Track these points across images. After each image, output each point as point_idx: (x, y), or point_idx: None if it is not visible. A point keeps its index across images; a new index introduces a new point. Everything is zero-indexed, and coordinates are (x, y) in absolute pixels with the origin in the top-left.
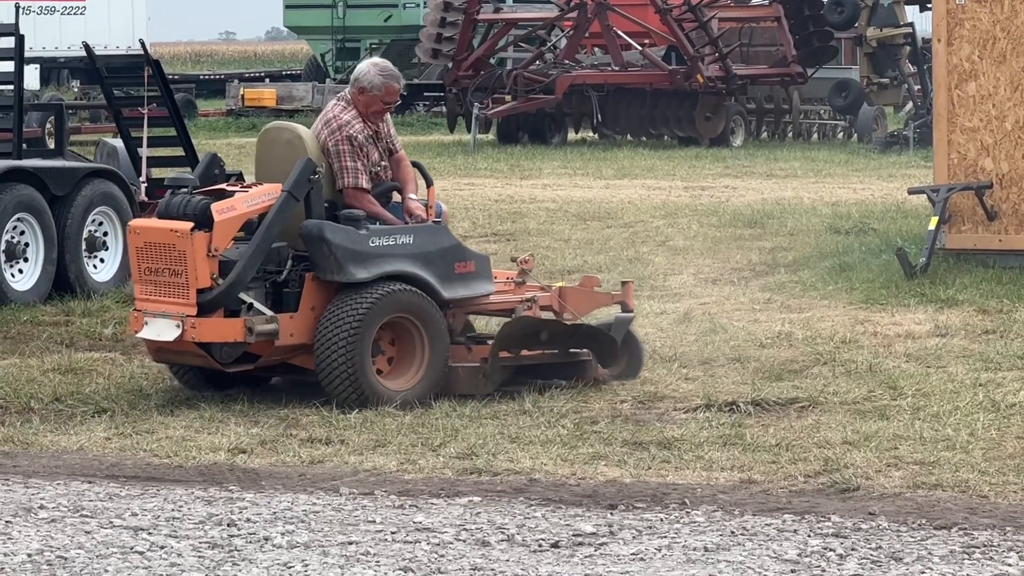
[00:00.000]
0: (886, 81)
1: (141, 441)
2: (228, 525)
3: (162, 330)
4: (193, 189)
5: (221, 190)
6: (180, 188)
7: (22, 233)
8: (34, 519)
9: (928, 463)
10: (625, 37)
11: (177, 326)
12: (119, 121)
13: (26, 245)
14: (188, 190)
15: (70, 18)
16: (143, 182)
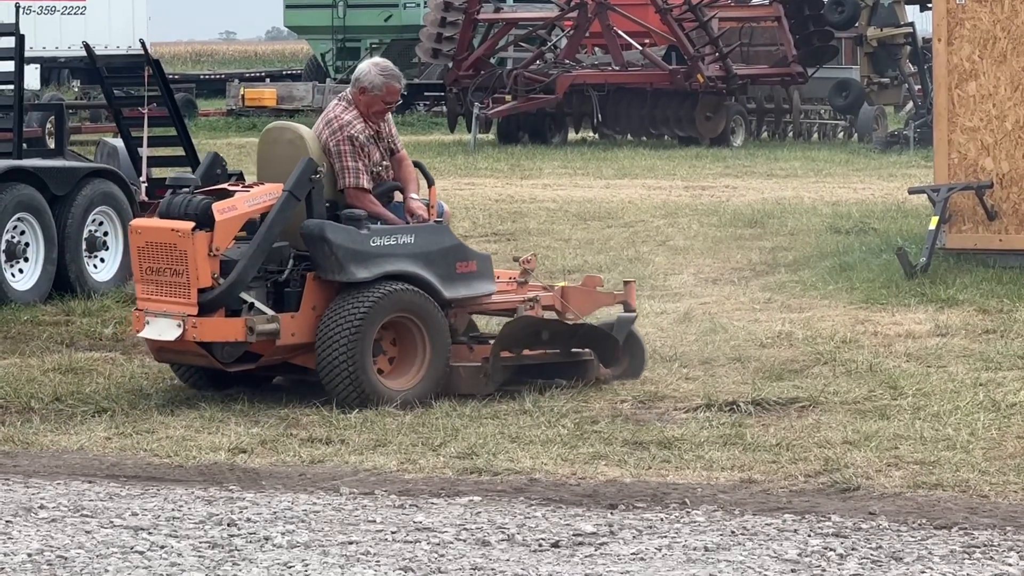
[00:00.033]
0: (886, 81)
1: (141, 441)
2: (228, 525)
3: (163, 330)
4: (195, 189)
5: (222, 190)
6: (181, 188)
7: (22, 233)
8: (34, 519)
9: (928, 463)
10: (625, 37)
11: (178, 326)
12: (119, 121)
13: (26, 245)
14: (189, 190)
15: (70, 18)
16: (143, 182)
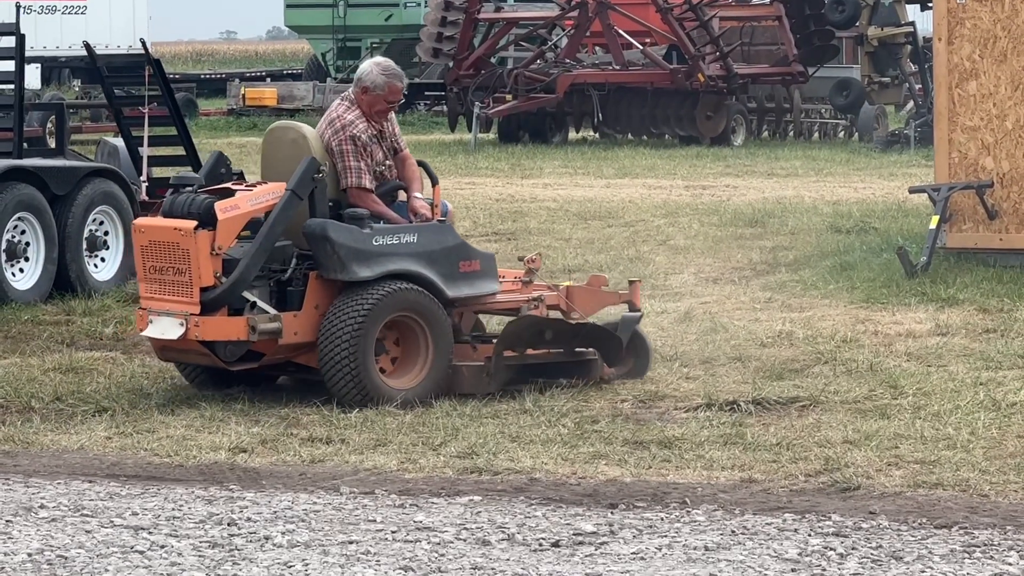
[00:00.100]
0: (887, 80)
1: (142, 440)
2: (228, 524)
3: (166, 328)
4: (198, 188)
5: (225, 189)
6: (184, 187)
7: (23, 232)
8: (34, 518)
9: (929, 462)
10: (626, 36)
11: (181, 324)
12: (120, 120)
13: (27, 244)
14: (192, 189)
15: (71, 17)
16: (144, 181)
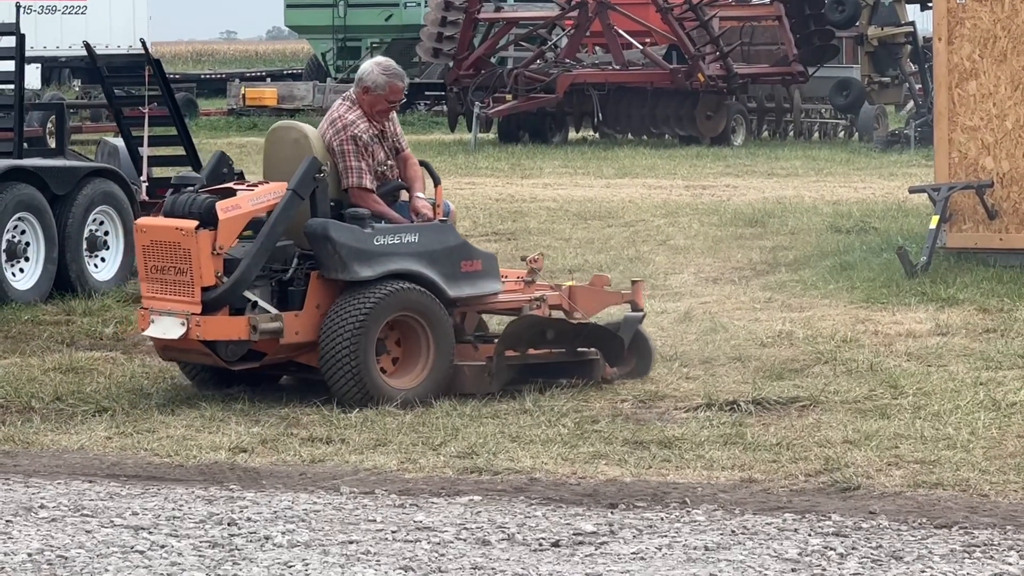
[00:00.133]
0: (887, 80)
1: (142, 440)
2: (229, 524)
3: (168, 328)
4: (199, 188)
5: (227, 189)
6: (186, 187)
7: (23, 232)
8: (34, 518)
9: (929, 462)
10: (626, 36)
11: (182, 324)
12: (120, 120)
13: (27, 244)
14: (194, 188)
15: (71, 17)
16: (144, 181)
